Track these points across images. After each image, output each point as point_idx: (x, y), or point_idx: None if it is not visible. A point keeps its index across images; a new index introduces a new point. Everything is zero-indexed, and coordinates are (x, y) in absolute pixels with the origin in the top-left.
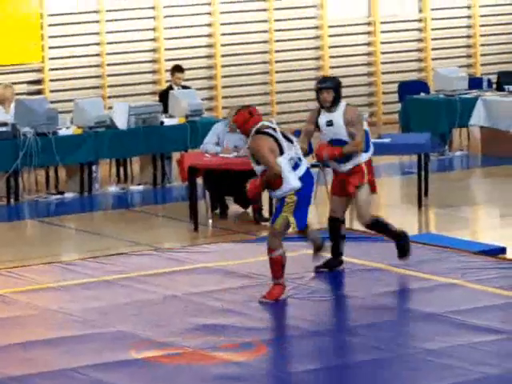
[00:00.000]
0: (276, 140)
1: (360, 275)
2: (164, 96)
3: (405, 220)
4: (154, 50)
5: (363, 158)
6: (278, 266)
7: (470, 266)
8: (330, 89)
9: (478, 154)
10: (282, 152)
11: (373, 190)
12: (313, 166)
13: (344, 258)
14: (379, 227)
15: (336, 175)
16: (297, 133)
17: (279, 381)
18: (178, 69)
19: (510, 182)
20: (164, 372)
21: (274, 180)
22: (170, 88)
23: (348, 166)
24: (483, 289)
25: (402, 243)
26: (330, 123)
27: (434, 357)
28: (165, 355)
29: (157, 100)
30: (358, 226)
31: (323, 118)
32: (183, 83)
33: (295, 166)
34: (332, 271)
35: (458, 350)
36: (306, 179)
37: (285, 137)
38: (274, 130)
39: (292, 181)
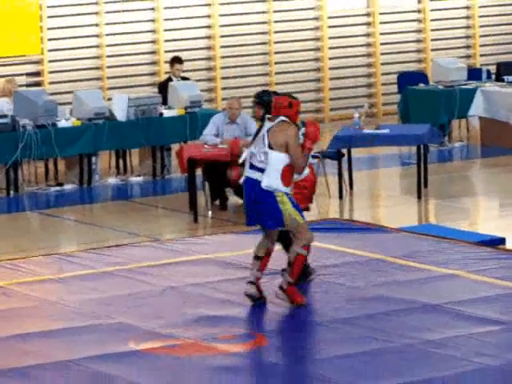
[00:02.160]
0: None
1: (359, 266)
2: (163, 87)
3: (404, 211)
4: (153, 42)
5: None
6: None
7: (469, 257)
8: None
9: (478, 145)
10: None
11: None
12: (313, 156)
13: (344, 249)
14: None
15: None
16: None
17: (278, 372)
18: (177, 60)
19: (509, 172)
20: (163, 363)
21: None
22: (170, 79)
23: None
24: (483, 279)
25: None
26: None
27: (433, 347)
28: (164, 346)
29: (156, 91)
30: (357, 217)
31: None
32: (182, 74)
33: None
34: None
35: (457, 341)
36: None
37: None
38: None
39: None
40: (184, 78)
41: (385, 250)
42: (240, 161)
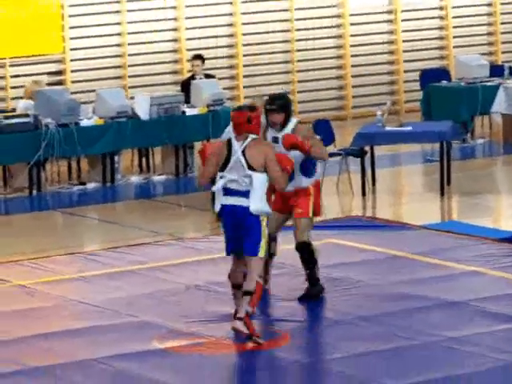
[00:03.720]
0: None
1: (382, 263)
2: (186, 85)
3: (427, 208)
4: (175, 40)
5: (307, 182)
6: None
7: (492, 254)
8: (277, 111)
9: (500, 142)
10: None
11: (316, 213)
12: (334, 154)
13: (367, 246)
14: (305, 253)
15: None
16: (322, 123)
17: (302, 370)
18: (195, 57)
19: None
20: (187, 362)
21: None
22: (192, 77)
23: (289, 187)
24: (506, 276)
25: (315, 290)
26: (276, 140)
27: (455, 344)
28: (188, 345)
29: (178, 90)
30: (379, 214)
31: (271, 133)
32: (206, 72)
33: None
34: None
35: (479, 338)
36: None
37: None
38: None
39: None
40: (208, 76)
41: (407, 247)
42: (213, 189)
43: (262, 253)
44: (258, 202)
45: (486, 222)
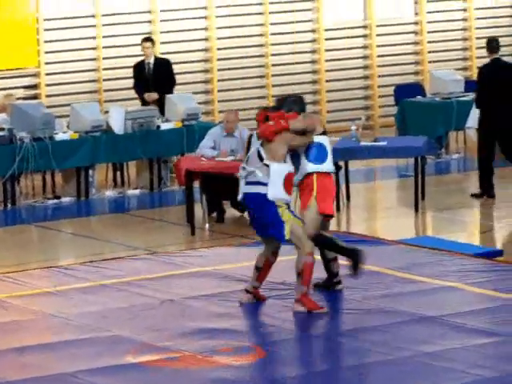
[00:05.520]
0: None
1: (357, 278)
2: (138, 68)
3: (402, 223)
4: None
5: (311, 168)
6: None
7: (467, 269)
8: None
9: (475, 157)
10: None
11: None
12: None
13: (342, 261)
14: (323, 243)
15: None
16: None
17: None
18: (146, 39)
19: (506, 184)
20: (161, 376)
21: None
22: (143, 61)
23: (298, 176)
24: (481, 291)
25: (356, 259)
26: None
27: (431, 359)
28: (162, 359)
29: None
30: (354, 229)
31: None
32: (159, 56)
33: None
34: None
35: (455, 353)
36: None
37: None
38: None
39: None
40: (161, 60)
41: (382, 262)
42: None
43: (287, 235)
44: (275, 189)
45: (460, 237)
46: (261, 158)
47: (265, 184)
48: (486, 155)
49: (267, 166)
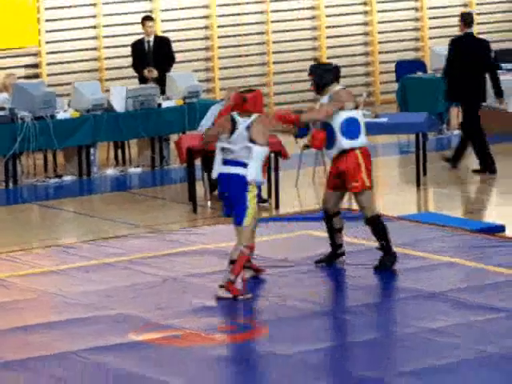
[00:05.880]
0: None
1: (359, 255)
2: (137, 46)
3: (403, 199)
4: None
5: (348, 144)
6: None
7: (469, 245)
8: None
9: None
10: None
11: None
12: (309, 146)
13: (344, 237)
14: (377, 227)
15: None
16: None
17: (278, 362)
18: (148, 18)
19: (507, 159)
20: (164, 354)
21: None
22: (142, 39)
23: (333, 150)
24: (482, 267)
25: (389, 260)
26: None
27: (433, 335)
28: (165, 337)
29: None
30: (356, 206)
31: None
32: (159, 35)
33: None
34: (331, 264)
35: (457, 329)
36: None
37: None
38: None
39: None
40: (161, 38)
41: None
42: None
43: (246, 222)
44: (254, 172)
45: (462, 213)
46: (245, 139)
47: (245, 165)
48: (474, 130)
49: (249, 147)
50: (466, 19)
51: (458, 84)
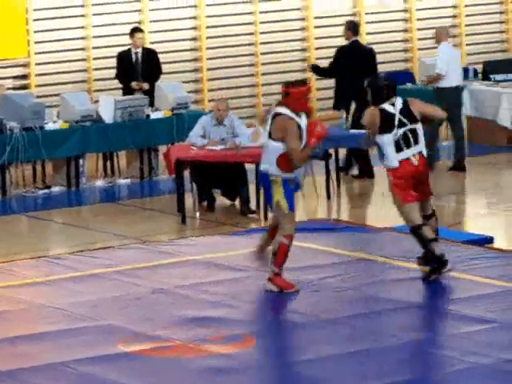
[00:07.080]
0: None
1: (348, 266)
2: (123, 58)
3: (392, 210)
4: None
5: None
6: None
7: (458, 256)
8: None
9: (465, 144)
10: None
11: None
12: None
13: (333, 249)
14: (415, 236)
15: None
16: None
17: (268, 373)
18: (138, 30)
19: (496, 170)
20: (153, 365)
21: None
22: (129, 50)
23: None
24: (471, 278)
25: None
26: None
27: (424, 347)
28: (153, 348)
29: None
30: (345, 216)
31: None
32: (147, 47)
33: None
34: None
35: (448, 340)
36: None
37: None
38: None
39: None
40: (148, 50)
41: (374, 249)
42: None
43: (282, 209)
44: (267, 164)
45: (451, 224)
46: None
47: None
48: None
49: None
50: (354, 27)
51: (344, 90)
